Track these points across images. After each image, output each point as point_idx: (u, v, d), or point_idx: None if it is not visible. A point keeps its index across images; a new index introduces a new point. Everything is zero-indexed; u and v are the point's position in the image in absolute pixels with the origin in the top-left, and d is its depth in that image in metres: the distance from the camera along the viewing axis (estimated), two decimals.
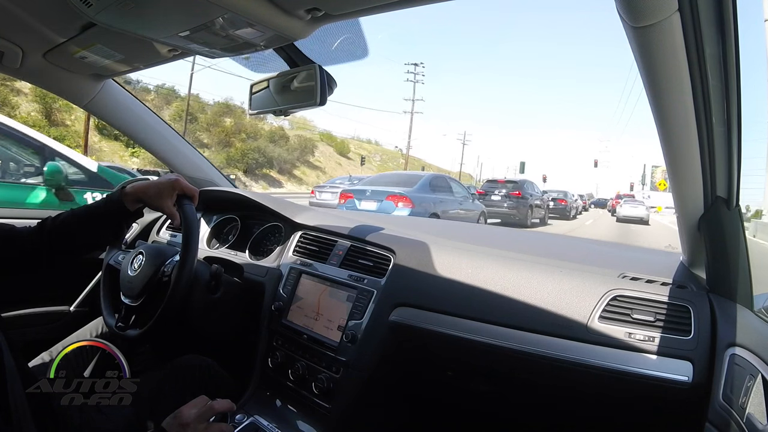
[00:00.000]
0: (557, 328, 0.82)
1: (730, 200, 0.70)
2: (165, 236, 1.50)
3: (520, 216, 11.60)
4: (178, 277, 0.91)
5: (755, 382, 0.60)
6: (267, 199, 1.32)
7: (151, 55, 1.00)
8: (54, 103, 16.39)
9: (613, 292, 0.82)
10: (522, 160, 33.72)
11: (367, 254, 1.07)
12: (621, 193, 31.18)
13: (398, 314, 0.95)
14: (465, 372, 1.01)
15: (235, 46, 0.83)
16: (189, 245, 0.92)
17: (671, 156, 0.65)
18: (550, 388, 0.94)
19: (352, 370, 0.95)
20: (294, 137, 28.02)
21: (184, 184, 0.90)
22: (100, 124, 17.61)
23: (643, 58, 0.51)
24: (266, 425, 0.96)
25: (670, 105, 0.57)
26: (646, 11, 0.45)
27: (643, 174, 29.48)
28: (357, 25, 0.86)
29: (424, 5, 0.69)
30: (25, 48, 1.02)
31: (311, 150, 28.76)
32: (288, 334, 1.08)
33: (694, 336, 0.74)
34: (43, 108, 16.33)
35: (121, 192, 0.85)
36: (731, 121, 0.59)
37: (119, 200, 0.84)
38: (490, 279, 0.92)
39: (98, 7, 0.71)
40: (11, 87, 15.35)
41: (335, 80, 0.91)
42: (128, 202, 0.85)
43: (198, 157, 1.52)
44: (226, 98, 27.16)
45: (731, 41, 0.51)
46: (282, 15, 0.71)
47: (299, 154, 27.21)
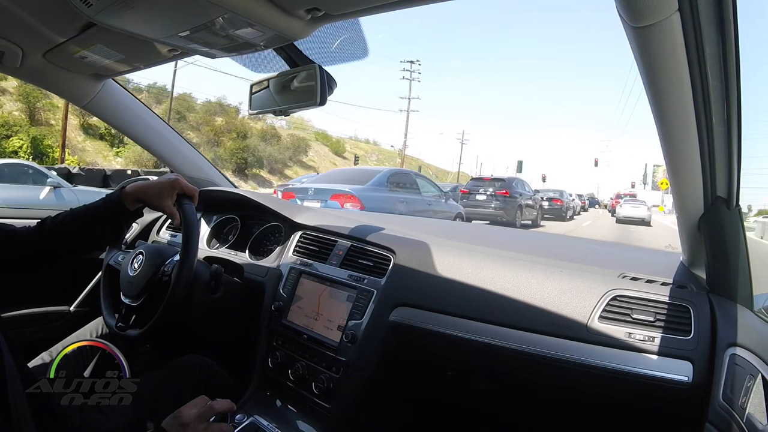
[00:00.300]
0: (557, 328, 0.82)
1: (730, 200, 0.70)
2: (165, 236, 1.50)
3: (508, 217, 10.69)
4: (179, 276, 0.91)
5: (755, 382, 0.60)
6: (267, 199, 1.32)
7: (151, 55, 1.00)
8: (38, 102, 16.30)
9: (613, 292, 0.82)
10: (519, 159, 32.32)
11: (367, 254, 1.07)
12: (621, 192, 29.27)
13: (398, 314, 0.95)
14: (465, 372, 1.01)
15: (235, 46, 0.83)
16: (189, 245, 0.92)
17: (671, 156, 0.65)
18: (550, 388, 0.94)
19: (352, 370, 0.95)
20: (287, 136, 27.44)
21: (184, 183, 0.90)
22: (85, 123, 17.48)
23: (643, 58, 0.51)
24: (266, 425, 0.96)
25: (670, 105, 0.57)
26: (646, 11, 0.45)
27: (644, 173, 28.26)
28: (357, 25, 0.86)
29: (424, 5, 0.69)
30: (25, 48, 1.02)
31: (304, 149, 28.02)
32: (288, 334, 1.08)
33: (694, 336, 0.74)
34: (27, 107, 16.25)
35: (120, 192, 0.85)
36: (731, 121, 0.59)
37: (119, 200, 0.84)
38: (490, 279, 0.92)
39: (98, 7, 0.71)
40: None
41: (335, 80, 0.91)
42: (128, 202, 0.85)
43: (198, 157, 1.52)
44: (219, 97, 26.93)
45: (731, 41, 0.51)
46: (282, 15, 0.71)
47: (292, 153, 26.66)
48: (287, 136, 27.63)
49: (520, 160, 31.91)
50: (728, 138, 0.61)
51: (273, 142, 25.47)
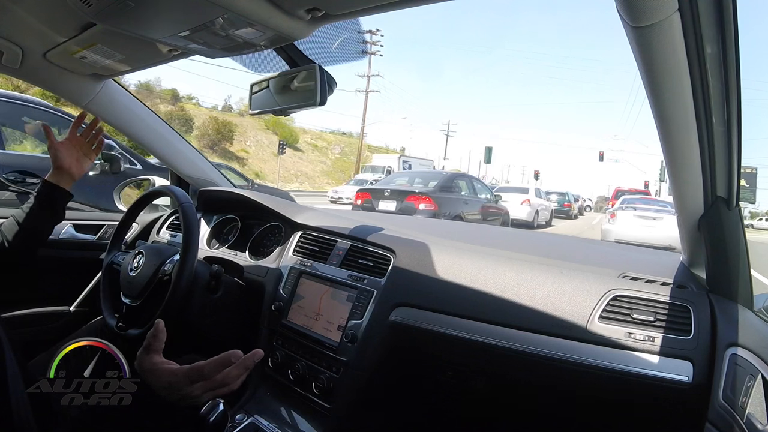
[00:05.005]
0: (557, 328, 0.82)
1: (730, 200, 0.70)
2: (165, 236, 1.50)
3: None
4: (179, 276, 0.91)
5: (755, 382, 0.60)
6: (267, 199, 1.32)
7: (151, 55, 1.00)
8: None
9: (613, 292, 0.82)
10: (488, 146, 25.13)
11: (367, 254, 1.07)
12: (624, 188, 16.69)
13: (398, 314, 0.95)
14: (465, 372, 1.01)
15: (235, 46, 0.83)
16: (189, 245, 0.92)
17: (671, 156, 0.65)
18: (550, 388, 0.94)
19: (352, 370, 0.95)
20: (210, 120, 22.51)
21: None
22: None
23: (643, 58, 0.51)
24: (266, 425, 0.96)
25: (670, 105, 0.57)
26: (646, 11, 0.45)
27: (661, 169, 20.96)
28: (357, 25, 0.86)
29: (424, 5, 0.69)
30: (25, 48, 1.02)
31: (229, 138, 22.81)
32: (288, 334, 1.08)
33: (694, 336, 0.74)
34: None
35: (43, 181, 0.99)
36: (731, 121, 0.59)
37: (42, 183, 0.98)
38: (490, 279, 0.92)
39: (98, 7, 0.71)
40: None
41: (335, 80, 0.91)
42: (49, 178, 0.98)
43: (198, 157, 1.52)
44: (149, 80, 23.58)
45: (731, 41, 0.51)
46: (282, 15, 0.71)
47: (211, 141, 21.70)
48: (211, 119, 22.88)
49: (489, 147, 25.09)
50: (728, 138, 0.61)
51: (177, 126, 18.76)
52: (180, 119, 21.13)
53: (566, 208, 17.25)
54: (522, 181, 44.18)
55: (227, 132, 22.82)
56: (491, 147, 25.43)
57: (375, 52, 25.02)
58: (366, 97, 25.82)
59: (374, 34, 24.45)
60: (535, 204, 11.67)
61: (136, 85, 22.46)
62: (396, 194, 6.23)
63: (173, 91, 24.58)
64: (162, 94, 23.62)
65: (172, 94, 24.15)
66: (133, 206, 1.19)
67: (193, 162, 1.50)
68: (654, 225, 7.62)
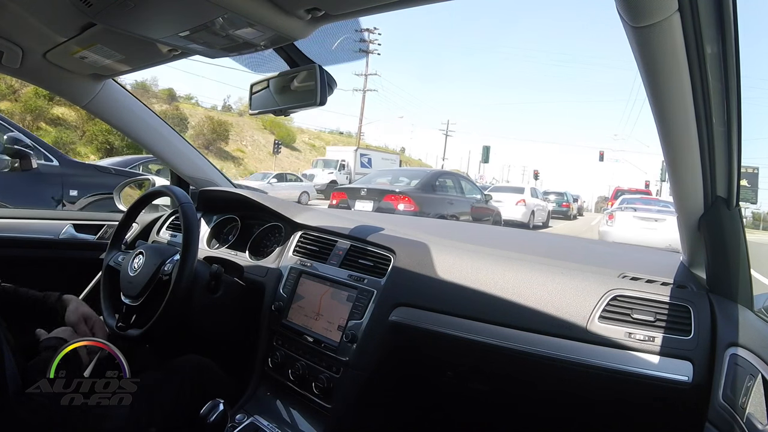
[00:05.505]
0: (557, 328, 0.82)
1: (730, 200, 0.70)
2: (165, 236, 1.50)
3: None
4: (179, 276, 0.91)
5: (755, 382, 0.60)
6: (267, 199, 1.32)
7: (151, 55, 1.00)
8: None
9: (613, 292, 0.82)
10: (486, 145, 25.08)
11: (367, 254, 1.07)
12: (624, 188, 16.79)
13: (398, 314, 0.95)
14: (465, 372, 1.01)
15: (235, 46, 0.83)
16: (189, 245, 0.92)
17: (671, 156, 0.65)
18: (550, 388, 0.94)
19: (352, 370, 0.95)
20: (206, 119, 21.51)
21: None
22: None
23: (643, 58, 0.51)
24: (266, 425, 0.96)
25: (670, 105, 0.57)
26: (646, 11, 0.45)
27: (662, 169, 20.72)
28: (357, 25, 0.86)
29: (424, 5, 0.69)
30: (25, 48, 1.02)
31: (224, 137, 21.68)
32: (288, 334, 1.08)
33: (694, 336, 0.74)
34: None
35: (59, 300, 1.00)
36: (731, 121, 0.59)
37: (55, 305, 0.99)
38: (490, 279, 0.92)
39: (98, 7, 0.71)
40: None
41: (335, 80, 0.91)
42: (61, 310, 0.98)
43: (198, 157, 1.52)
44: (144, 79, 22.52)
45: (731, 41, 0.51)
46: (282, 15, 0.71)
47: (206, 141, 20.57)
48: (207, 118, 21.84)
49: (487, 146, 25.12)
50: (728, 138, 0.61)
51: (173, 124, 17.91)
52: (174, 118, 20.45)
53: (564, 209, 17.03)
54: (522, 180, 43.59)
55: (222, 131, 21.97)
56: (489, 146, 25.34)
57: (373, 51, 24.38)
58: (363, 96, 25.29)
59: (372, 32, 23.49)
60: (531, 204, 11.34)
61: (132, 84, 21.87)
62: (373, 193, 5.80)
63: (170, 91, 24.14)
64: (159, 93, 23.40)
65: (168, 94, 23.82)
66: (133, 206, 1.19)
67: (193, 162, 1.50)
68: (655, 227, 7.12)
